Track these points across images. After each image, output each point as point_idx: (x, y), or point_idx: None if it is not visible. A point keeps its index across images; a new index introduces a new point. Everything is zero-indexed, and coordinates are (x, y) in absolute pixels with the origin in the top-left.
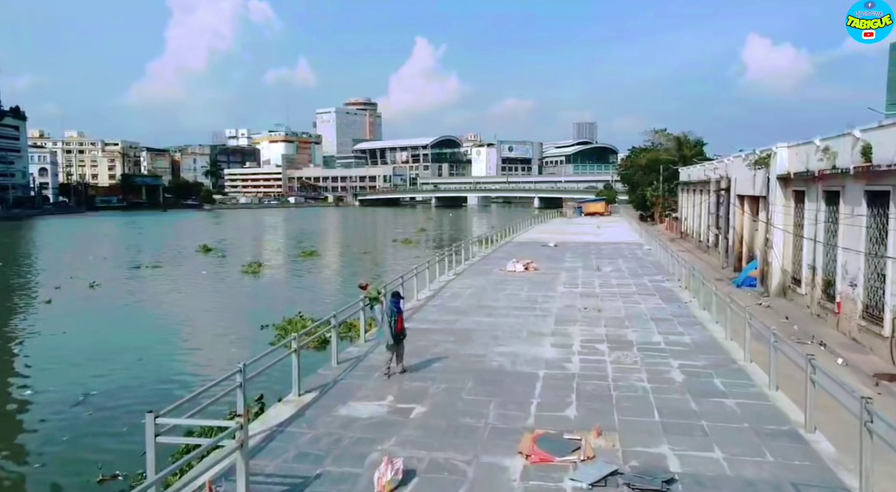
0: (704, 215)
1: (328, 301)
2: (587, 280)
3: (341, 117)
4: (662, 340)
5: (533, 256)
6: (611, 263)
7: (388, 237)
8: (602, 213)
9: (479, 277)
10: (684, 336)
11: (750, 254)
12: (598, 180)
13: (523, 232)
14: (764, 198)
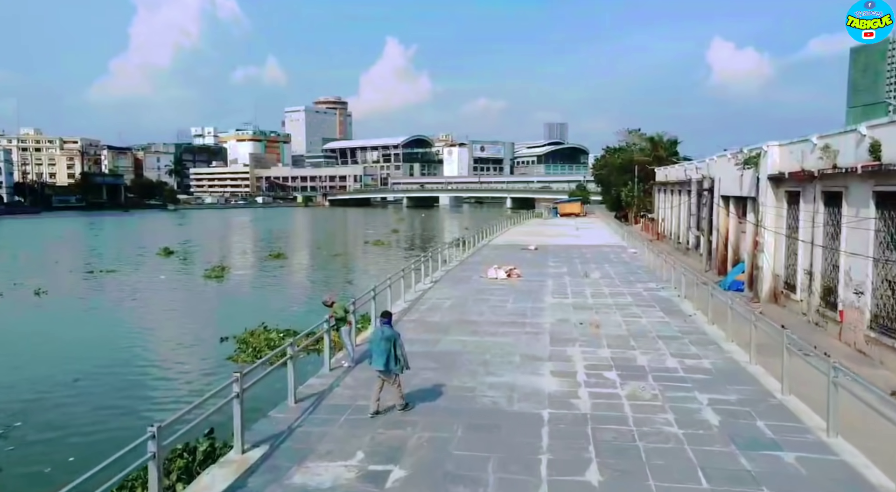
0: (684, 216)
1: (295, 309)
2: (577, 289)
3: (311, 116)
4: (678, 365)
5: (514, 260)
6: (597, 268)
7: (359, 239)
8: (577, 213)
9: (458, 286)
10: (702, 360)
11: (736, 257)
12: (571, 180)
13: (500, 234)
14: (752, 199)
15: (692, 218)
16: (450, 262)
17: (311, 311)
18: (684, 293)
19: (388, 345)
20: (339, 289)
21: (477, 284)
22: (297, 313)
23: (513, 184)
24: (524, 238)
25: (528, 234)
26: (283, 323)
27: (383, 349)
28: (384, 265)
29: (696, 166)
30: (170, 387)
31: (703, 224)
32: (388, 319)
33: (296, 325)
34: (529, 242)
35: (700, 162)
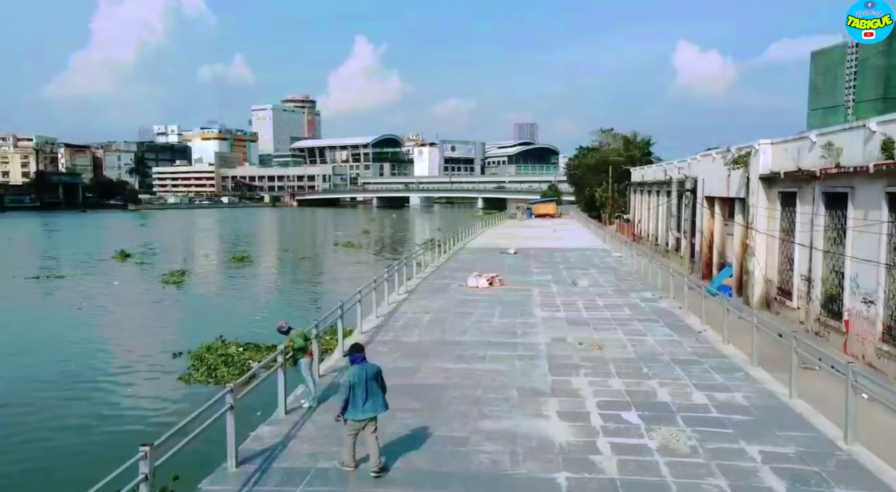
0: (662, 218)
1: (258, 318)
2: (567, 299)
3: (278, 115)
4: (708, 400)
5: (494, 266)
6: (584, 274)
7: (328, 240)
8: (552, 214)
9: (436, 296)
10: (734, 393)
11: (721, 260)
12: (542, 181)
13: (476, 236)
14: (741, 200)
15: (672, 219)
16: (425, 267)
17: (274, 321)
18: (687, 305)
19: (376, 384)
20: (307, 296)
21: (457, 295)
22: (260, 324)
23: (484, 184)
24: (502, 241)
25: (505, 236)
26: (244, 335)
27: (375, 390)
28: (355, 269)
29: (678, 166)
30: (103, 414)
31: (686, 226)
32: (362, 354)
33: (258, 337)
34: (508, 246)
35: (681, 162)
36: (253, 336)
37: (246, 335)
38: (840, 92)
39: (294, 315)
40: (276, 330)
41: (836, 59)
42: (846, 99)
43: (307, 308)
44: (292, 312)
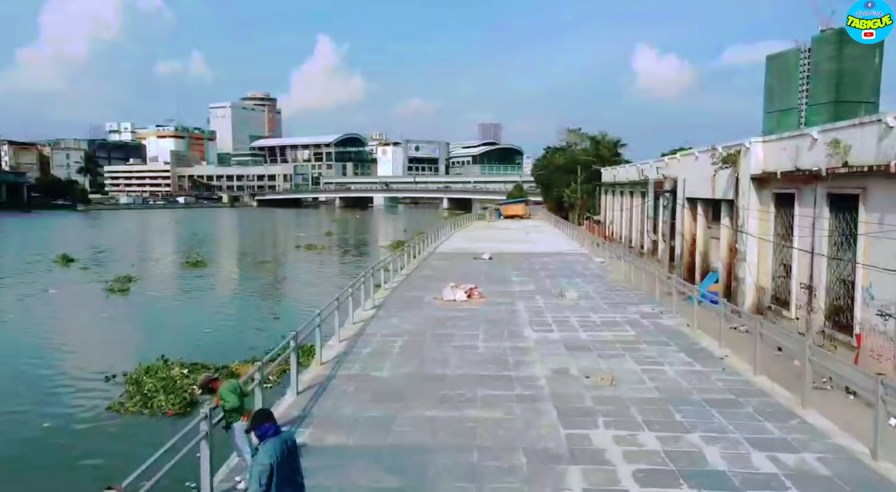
0: (636, 219)
1: (209, 332)
2: (558, 315)
3: (238, 113)
4: (775, 466)
5: (468, 273)
6: (569, 283)
7: (289, 242)
8: (522, 215)
9: (409, 313)
10: (803, 454)
11: (705, 265)
12: (507, 181)
13: (446, 239)
14: (728, 202)
15: (648, 221)
16: (394, 275)
17: (225, 336)
18: (696, 323)
19: (299, 461)
20: (266, 305)
21: (432, 310)
22: (210, 339)
23: (449, 184)
24: (473, 245)
25: (476, 239)
26: (191, 353)
27: (299, 468)
28: (318, 273)
29: (656, 166)
30: (14, 454)
31: (664, 228)
32: (274, 423)
33: (207, 354)
34: (482, 250)
35: (657, 161)
36: (201, 354)
37: (193, 353)
38: (794, 95)
39: (249, 331)
40: (198, 386)
41: (789, 64)
42: (800, 102)
43: (265, 320)
44: (248, 326)
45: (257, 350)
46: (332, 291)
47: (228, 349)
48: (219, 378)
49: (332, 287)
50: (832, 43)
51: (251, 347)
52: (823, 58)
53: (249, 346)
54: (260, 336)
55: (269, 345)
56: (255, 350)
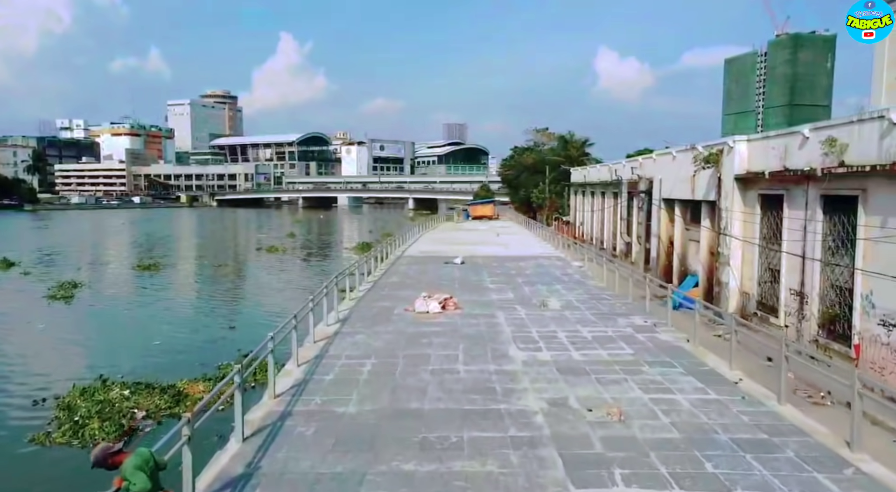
0: (608, 220)
1: (157, 344)
2: (544, 329)
3: (197, 111)
4: None
5: (440, 279)
6: (549, 290)
7: (250, 244)
8: (490, 216)
9: (378, 328)
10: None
11: (683, 268)
12: (473, 181)
13: (414, 242)
14: (710, 203)
15: (622, 223)
16: (360, 283)
17: (175, 348)
18: (697, 339)
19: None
20: (222, 313)
21: (403, 324)
22: (157, 353)
23: (414, 184)
24: (443, 247)
25: (446, 241)
26: (136, 369)
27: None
28: (279, 276)
29: (631, 166)
30: None
31: (640, 230)
32: None
33: (152, 372)
34: (453, 254)
35: (632, 161)
36: (147, 370)
37: (138, 370)
38: (751, 98)
39: (202, 342)
40: (93, 461)
41: (747, 68)
42: (756, 105)
43: (220, 330)
44: (201, 337)
45: (209, 366)
46: (293, 297)
47: (177, 364)
48: (123, 450)
49: (294, 292)
50: (787, 48)
51: (203, 362)
52: (778, 62)
53: (201, 360)
54: (214, 348)
55: (223, 358)
56: (206, 366)
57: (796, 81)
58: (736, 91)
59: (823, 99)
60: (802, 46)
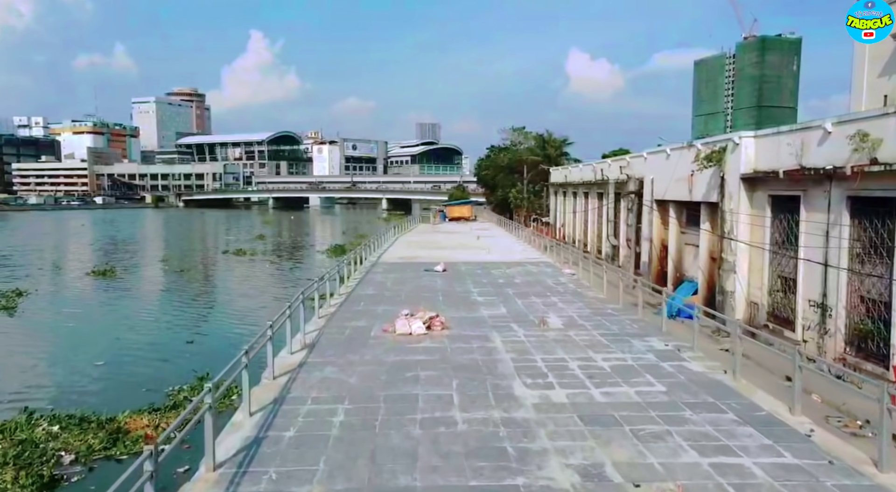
0: (593, 223)
1: (100, 364)
2: (550, 357)
3: (163, 109)
4: None
5: (423, 292)
6: (545, 303)
7: (217, 247)
8: (468, 217)
9: (351, 357)
10: None
11: (679, 274)
12: (448, 181)
13: (389, 245)
14: (710, 205)
15: (609, 225)
16: (331, 295)
17: (122, 370)
18: (738, 370)
19: None
20: (180, 327)
21: (383, 350)
22: (100, 376)
23: (387, 184)
24: (422, 252)
25: (424, 245)
26: (72, 398)
27: None
28: (245, 283)
29: (619, 165)
30: None
31: (629, 233)
32: None
33: (90, 401)
34: (433, 260)
35: (618, 160)
36: (84, 399)
37: (74, 398)
38: (720, 99)
39: (154, 362)
40: None
41: (715, 69)
42: (725, 106)
43: (175, 347)
44: (153, 356)
45: (157, 393)
46: (259, 305)
47: (122, 390)
48: None
49: (261, 299)
50: (754, 50)
51: (151, 388)
52: (746, 64)
53: (150, 384)
54: (165, 369)
55: (176, 380)
56: (154, 393)
57: (764, 83)
58: (706, 92)
59: (790, 101)
60: (769, 49)
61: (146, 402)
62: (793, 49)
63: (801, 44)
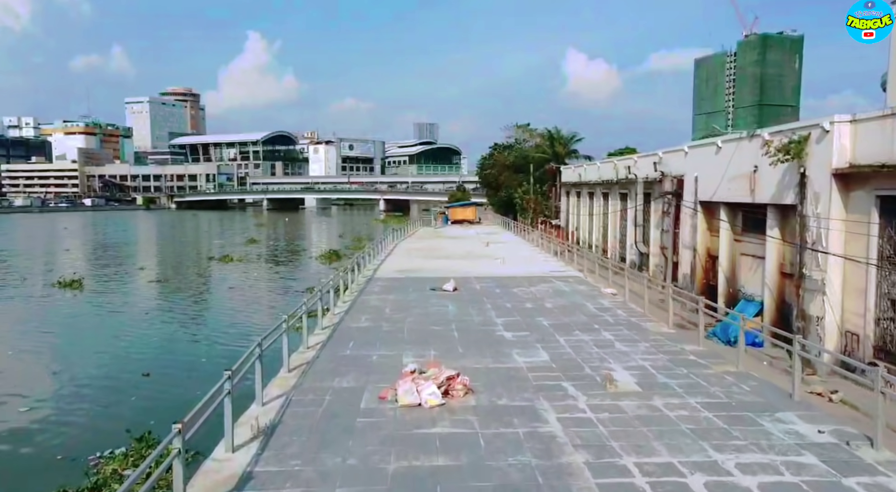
0: (614, 226)
1: (23, 413)
2: (651, 465)
3: (157, 109)
4: None
5: (430, 325)
6: (595, 341)
7: (203, 252)
8: (472, 220)
9: (327, 458)
10: None
11: (732, 290)
12: (447, 181)
13: (388, 254)
14: (780, 207)
15: (637, 230)
16: (312, 330)
17: (48, 421)
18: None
19: None
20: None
21: (377, 441)
22: (12, 435)
23: (385, 184)
24: (425, 263)
25: (426, 254)
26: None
27: None
28: (227, 296)
29: (652, 161)
30: None
31: (665, 239)
32: None
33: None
34: (438, 272)
35: (648, 155)
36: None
37: (23, 430)
38: (721, 98)
39: (88, 411)
40: None
41: (716, 68)
42: (726, 104)
43: (126, 383)
44: (93, 397)
45: (79, 460)
46: (237, 323)
47: (39, 452)
48: None
49: (241, 314)
50: (756, 48)
51: (72, 454)
52: (748, 62)
53: (74, 444)
54: (103, 420)
55: (110, 439)
56: (72, 464)
57: (765, 81)
58: (706, 91)
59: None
60: (771, 47)
61: (60, 480)
62: (795, 47)
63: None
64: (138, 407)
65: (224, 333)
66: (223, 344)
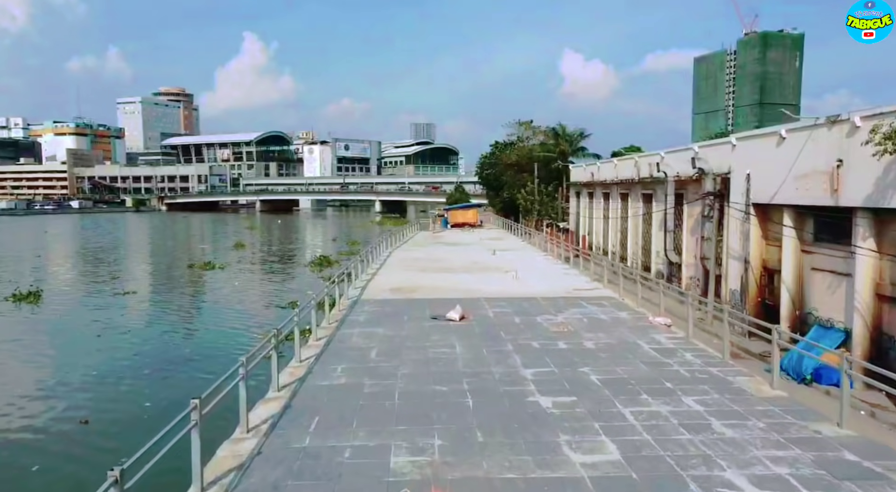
0: (636, 231)
1: None
2: None
3: (149, 109)
4: None
5: (431, 380)
6: (680, 420)
7: (184, 258)
8: (473, 224)
9: None
10: None
11: (798, 312)
12: (445, 181)
13: (381, 266)
14: (878, 211)
15: (667, 236)
16: (292, 359)
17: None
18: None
19: None
20: (73, 399)
21: None
22: None
23: (381, 185)
24: (423, 278)
25: (425, 265)
26: None
27: None
28: (197, 312)
29: (691, 157)
30: None
31: (706, 249)
32: None
33: None
34: (439, 289)
35: (683, 150)
36: None
37: None
38: (721, 97)
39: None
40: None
41: (716, 66)
42: (726, 103)
43: (63, 427)
44: (26, 444)
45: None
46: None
47: None
48: None
49: (205, 334)
50: (756, 46)
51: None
52: (748, 61)
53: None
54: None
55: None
56: None
57: (766, 80)
58: (706, 90)
59: (792, 98)
60: (771, 45)
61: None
62: (795, 45)
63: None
64: (73, 460)
65: (173, 371)
66: (172, 385)
